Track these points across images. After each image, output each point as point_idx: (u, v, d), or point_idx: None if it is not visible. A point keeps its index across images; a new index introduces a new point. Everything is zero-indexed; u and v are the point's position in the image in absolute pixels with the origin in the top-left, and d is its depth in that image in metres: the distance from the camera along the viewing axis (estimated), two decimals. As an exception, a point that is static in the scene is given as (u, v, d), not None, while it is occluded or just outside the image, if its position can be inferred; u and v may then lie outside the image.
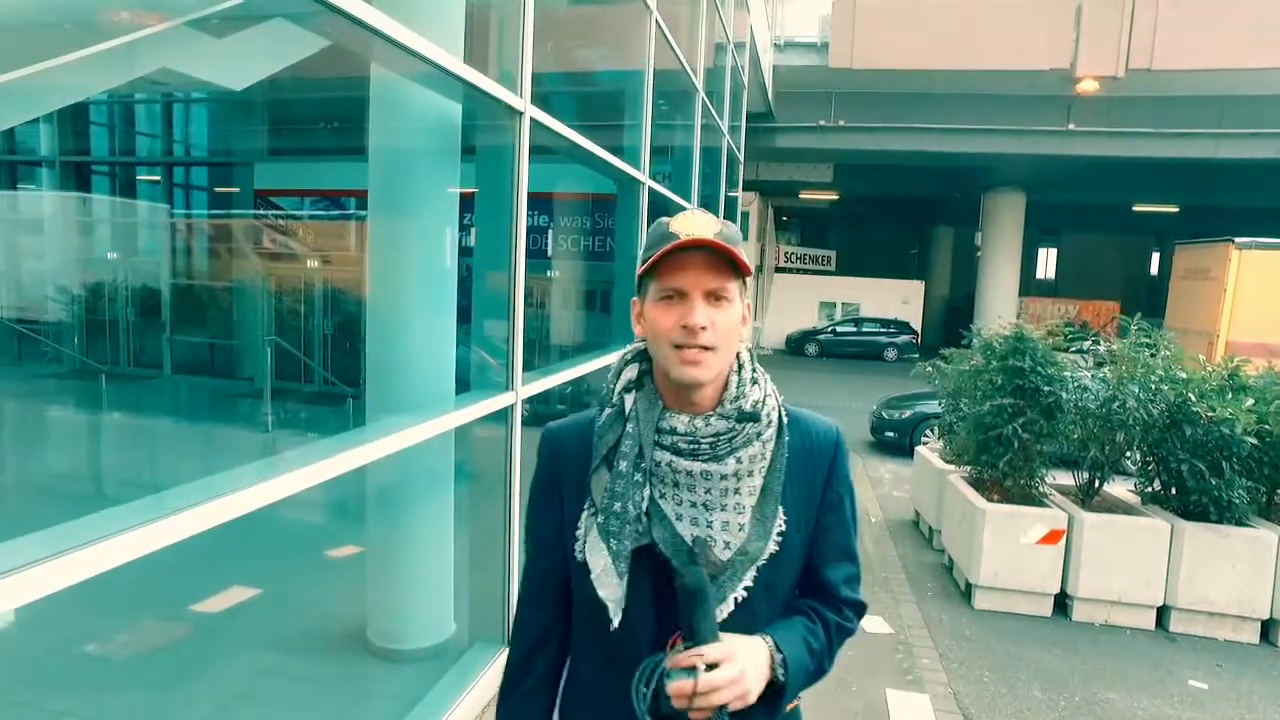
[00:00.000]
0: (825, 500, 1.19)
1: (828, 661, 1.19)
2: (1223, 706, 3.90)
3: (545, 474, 1.23)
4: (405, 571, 3.43)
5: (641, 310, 1.16)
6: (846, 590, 1.21)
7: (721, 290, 1.08)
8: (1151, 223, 26.67)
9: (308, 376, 10.24)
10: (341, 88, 8.38)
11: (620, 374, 1.19)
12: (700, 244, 1.06)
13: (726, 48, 9.60)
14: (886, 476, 8.80)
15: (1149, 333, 5.12)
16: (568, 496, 1.18)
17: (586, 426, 1.20)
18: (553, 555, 1.21)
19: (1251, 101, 15.74)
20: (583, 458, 1.17)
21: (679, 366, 1.08)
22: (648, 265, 1.08)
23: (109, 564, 1.41)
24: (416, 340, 3.33)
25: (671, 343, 1.08)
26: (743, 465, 1.10)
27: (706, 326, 1.06)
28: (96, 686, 3.36)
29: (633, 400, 1.14)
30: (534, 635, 1.25)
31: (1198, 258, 13.54)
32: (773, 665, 1.08)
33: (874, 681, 3.95)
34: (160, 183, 14.67)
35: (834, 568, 1.20)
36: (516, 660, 1.26)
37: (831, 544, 1.20)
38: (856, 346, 22.92)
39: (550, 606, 1.23)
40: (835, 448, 1.20)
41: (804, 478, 1.17)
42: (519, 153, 3.24)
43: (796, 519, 1.15)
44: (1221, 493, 4.56)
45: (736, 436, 1.11)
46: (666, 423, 1.11)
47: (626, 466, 1.10)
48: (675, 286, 1.08)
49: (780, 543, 1.12)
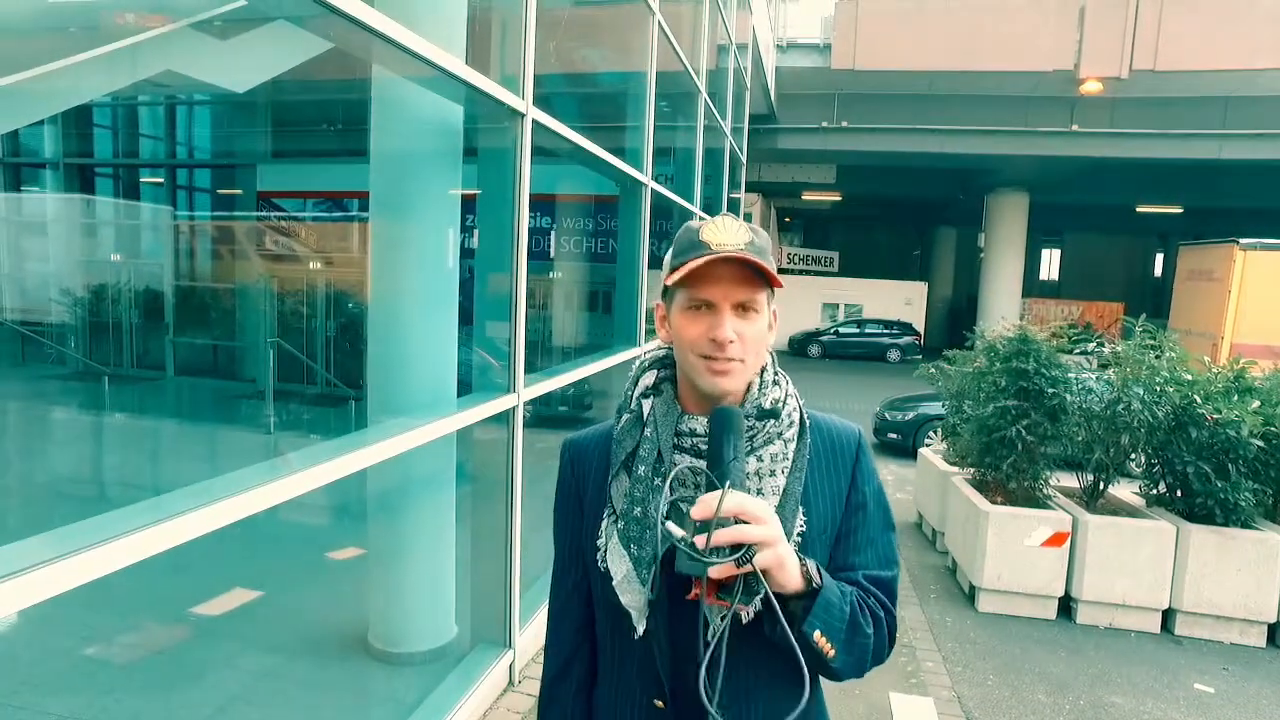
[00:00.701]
0: (850, 503, 1.15)
1: (865, 623, 1.05)
2: (1229, 711, 3.87)
3: (566, 484, 1.22)
4: (406, 574, 3.42)
5: (666, 315, 1.14)
6: (872, 586, 1.12)
7: (751, 302, 1.07)
8: (1155, 224, 26.64)
9: (310, 378, 10.26)
10: (344, 90, 8.40)
11: (638, 380, 1.17)
12: (732, 258, 1.03)
13: (729, 49, 9.59)
14: (889, 478, 8.78)
15: (1154, 334, 5.10)
16: (589, 506, 1.17)
17: (606, 435, 1.19)
18: (577, 567, 1.20)
19: (1255, 103, 15.71)
20: (603, 466, 1.16)
21: (707, 377, 1.06)
22: (677, 277, 1.06)
23: (112, 567, 1.41)
24: (418, 342, 3.33)
25: (699, 353, 1.06)
26: (764, 464, 1.09)
27: (734, 340, 1.05)
28: (98, 689, 3.36)
29: (650, 405, 1.13)
30: (565, 652, 1.24)
31: (1202, 259, 13.51)
32: (804, 562, 1.00)
33: (877, 685, 3.93)
34: (163, 185, 14.71)
35: (858, 571, 1.13)
36: (549, 678, 1.26)
37: (857, 548, 1.14)
38: (859, 348, 22.90)
39: (579, 620, 1.22)
40: (858, 450, 1.17)
41: (827, 480, 1.14)
42: (521, 154, 3.23)
43: (819, 521, 1.12)
44: (1227, 495, 4.53)
45: (757, 435, 1.09)
46: (685, 425, 1.09)
47: (646, 471, 1.08)
48: (704, 298, 1.06)
49: (799, 545, 1.09)
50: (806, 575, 0.99)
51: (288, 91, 10.40)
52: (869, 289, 25.15)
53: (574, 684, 1.23)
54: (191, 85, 10.48)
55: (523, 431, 3.39)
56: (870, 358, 22.52)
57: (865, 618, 1.06)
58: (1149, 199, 23.01)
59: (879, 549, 1.15)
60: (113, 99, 12.87)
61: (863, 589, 1.11)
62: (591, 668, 1.23)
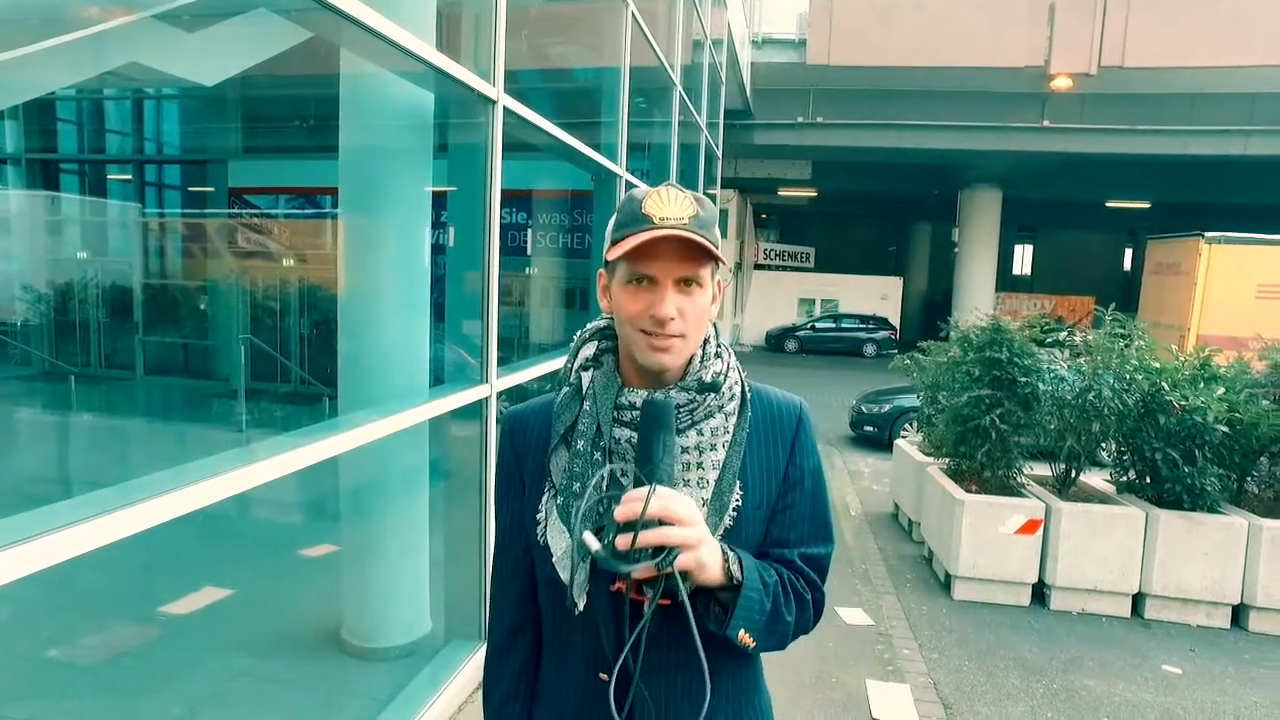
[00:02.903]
0: (788, 478, 1.14)
1: (786, 611, 1.07)
2: (1195, 690, 3.95)
3: (506, 458, 1.20)
4: (380, 569, 3.39)
5: (608, 285, 1.13)
6: (805, 567, 1.13)
7: (694, 277, 1.05)
8: (1124, 219, 27.10)
9: (284, 376, 10.12)
10: (317, 84, 8.28)
11: (578, 352, 1.15)
12: (674, 236, 1.01)
13: (704, 44, 9.59)
14: (866, 470, 8.84)
15: (1123, 323, 5.18)
16: (529, 480, 1.16)
17: (547, 408, 1.16)
18: (518, 544, 1.18)
19: (1219, 99, 16.01)
20: (543, 439, 1.14)
21: (648, 353, 1.05)
22: (617, 254, 1.03)
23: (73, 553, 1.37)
24: (390, 337, 3.29)
25: (639, 329, 1.05)
26: (704, 438, 1.08)
27: (675, 317, 1.03)
28: (60, 693, 3.28)
29: (590, 378, 1.11)
30: (509, 626, 1.22)
31: (1169, 252, 13.72)
32: (726, 558, 1.01)
33: (854, 672, 3.96)
34: (131, 181, 14.42)
35: (793, 546, 1.13)
36: (493, 653, 1.24)
37: (793, 523, 1.14)
38: (836, 343, 23.05)
39: (521, 599, 1.20)
40: (798, 423, 1.15)
41: (766, 453, 1.13)
42: (492, 143, 3.20)
43: (756, 495, 1.11)
44: (1194, 480, 4.62)
45: (697, 409, 1.08)
46: (625, 398, 1.08)
47: (585, 445, 1.07)
48: (645, 274, 1.04)
49: (735, 518, 1.09)
50: (728, 571, 1.00)
51: (259, 86, 10.23)
52: (845, 284, 25.32)
53: (519, 659, 1.21)
54: (159, 78, 10.28)
55: (496, 423, 3.37)
56: (846, 353, 22.67)
57: (789, 605, 1.08)
58: (1118, 194, 23.39)
59: (815, 525, 1.16)
60: (77, 92, 12.58)
61: (795, 569, 1.12)
62: (535, 642, 1.21)
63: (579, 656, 1.12)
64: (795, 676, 3.87)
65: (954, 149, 17.40)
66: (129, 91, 13.13)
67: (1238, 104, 15.98)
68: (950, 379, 5.50)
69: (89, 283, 11.58)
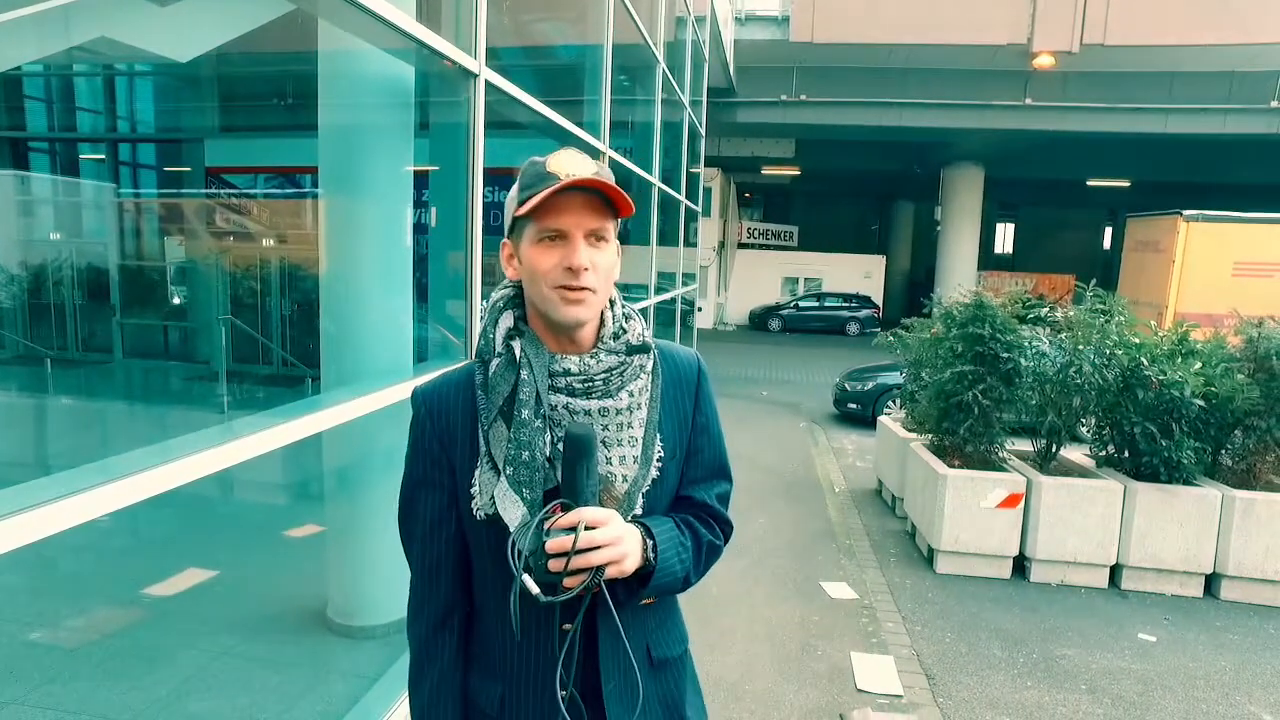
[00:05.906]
0: (695, 424, 1.22)
1: (694, 573, 1.20)
2: (1169, 656, 4.04)
3: (428, 438, 1.17)
4: (364, 548, 3.37)
5: (514, 252, 1.14)
6: (718, 507, 1.25)
7: (602, 230, 1.09)
8: (1105, 198, 27.28)
9: (266, 358, 10.02)
10: (295, 61, 8.12)
11: (498, 322, 1.16)
12: (583, 185, 1.04)
13: (687, 20, 9.50)
14: (850, 447, 8.91)
15: (1104, 299, 5.23)
16: (459, 461, 1.15)
17: (463, 382, 1.16)
18: (449, 525, 1.17)
19: (1198, 78, 16.10)
20: (469, 415, 1.14)
21: (562, 307, 1.08)
22: (529, 208, 1.05)
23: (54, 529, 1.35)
24: (372, 316, 3.26)
25: (553, 284, 1.07)
26: (634, 398, 1.13)
27: (589, 268, 1.06)
28: (41, 675, 3.26)
29: (520, 347, 1.12)
30: (445, 603, 1.20)
31: (1148, 230, 13.86)
32: (645, 547, 1.09)
33: (839, 645, 4.01)
34: (105, 161, 14.13)
35: (704, 487, 1.24)
36: (430, 627, 1.21)
37: (702, 465, 1.24)
38: (819, 321, 23.16)
39: (451, 582, 1.20)
40: (699, 374, 1.24)
41: (675, 405, 1.20)
42: (474, 118, 3.15)
43: (671, 445, 1.18)
44: (1171, 453, 4.70)
45: (627, 370, 1.13)
46: (559, 365, 1.11)
47: (529, 414, 1.08)
48: (556, 228, 1.07)
49: (660, 469, 1.16)
50: (646, 557, 1.09)
51: (235, 63, 10.03)
52: (828, 263, 25.40)
53: (455, 636, 1.21)
54: (130, 54, 10.05)
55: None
56: (830, 331, 22.80)
57: (700, 556, 1.20)
58: (1099, 173, 23.52)
59: (719, 464, 1.27)
60: (45, 68, 12.28)
61: (710, 510, 1.24)
62: (468, 618, 1.23)
63: (531, 630, 1.15)
64: (781, 649, 3.92)
65: (937, 127, 17.41)
66: (99, 68, 12.82)
67: (1216, 82, 16.07)
68: (933, 356, 5.54)
69: (63, 264, 11.37)
